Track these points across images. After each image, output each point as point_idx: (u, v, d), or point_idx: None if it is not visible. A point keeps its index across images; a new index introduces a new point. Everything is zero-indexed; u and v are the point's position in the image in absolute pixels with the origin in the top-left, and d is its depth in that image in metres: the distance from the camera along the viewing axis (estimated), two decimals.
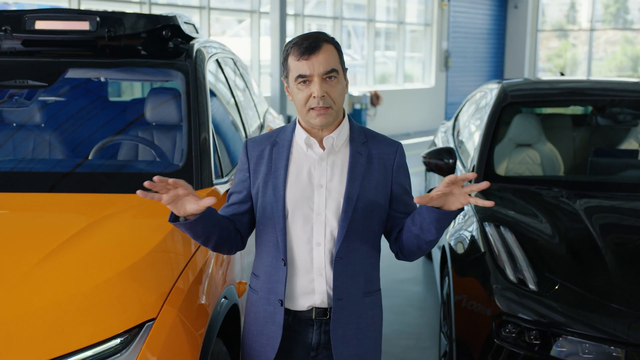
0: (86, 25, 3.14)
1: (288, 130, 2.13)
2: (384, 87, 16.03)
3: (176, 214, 1.95)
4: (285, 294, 2.08)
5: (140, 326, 1.94)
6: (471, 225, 3.47)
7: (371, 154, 2.11)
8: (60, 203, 2.66)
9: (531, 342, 2.80)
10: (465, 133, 4.96)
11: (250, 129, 3.97)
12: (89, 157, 3.08)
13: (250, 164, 2.14)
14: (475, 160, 4.06)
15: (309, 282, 2.08)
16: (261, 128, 4.35)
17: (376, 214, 2.10)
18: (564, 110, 5.11)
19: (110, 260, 2.16)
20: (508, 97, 4.40)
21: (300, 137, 2.10)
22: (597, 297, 2.83)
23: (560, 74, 6.07)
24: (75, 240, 2.22)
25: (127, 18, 3.17)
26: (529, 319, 2.81)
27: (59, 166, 3.03)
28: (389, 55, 16.99)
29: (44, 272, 2.05)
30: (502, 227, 3.31)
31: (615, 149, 4.51)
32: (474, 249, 3.30)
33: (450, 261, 3.47)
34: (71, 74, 3.29)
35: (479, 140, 4.19)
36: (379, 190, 2.10)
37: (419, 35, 17.65)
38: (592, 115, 4.73)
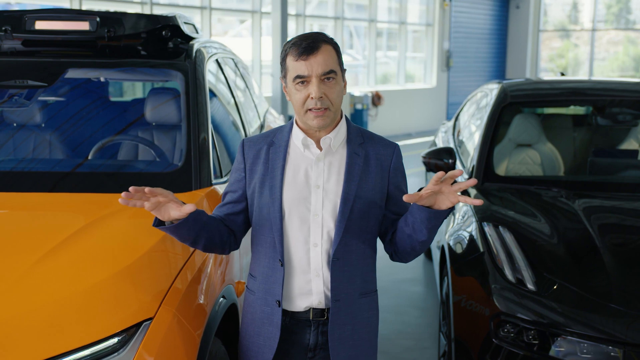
0: (86, 26, 3.15)
1: (285, 131, 2.13)
2: (385, 88, 16.02)
3: (161, 219, 1.95)
4: (283, 295, 2.08)
5: (138, 325, 1.94)
6: (470, 225, 3.47)
7: (368, 155, 2.10)
8: (59, 203, 2.66)
9: (529, 342, 2.80)
10: (466, 133, 4.96)
11: (251, 129, 3.97)
12: (89, 157, 3.09)
13: (247, 164, 2.13)
14: (475, 160, 4.06)
15: (306, 283, 2.08)
16: (261, 128, 4.36)
17: (372, 215, 2.10)
18: (564, 110, 5.10)
19: (108, 259, 2.16)
20: (508, 97, 4.40)
21: (298, 137, 2.09)
22: (595, 297, 2.83)
23: (561, 74, 6.06)
24: (74, 239, 2.22)
25: (127, 18, 3.18)
26: (527, 318, 2.81)
27: (59, 166, 3.03)
28: (390, 55, 16.98)
29: (42, 271, 2.05)
30: (500, 227, 3.31)
31: (615, 149, 4.50)
32: (473, 249, 3.30)
33: (449, 261, 3.47)
34: (71, 74, 3.29)
35: (478, 140, 4.19)
36: (375, 191, 2.09)
37: (420, 35, 17.64)
38: (592, 115, 4.72)
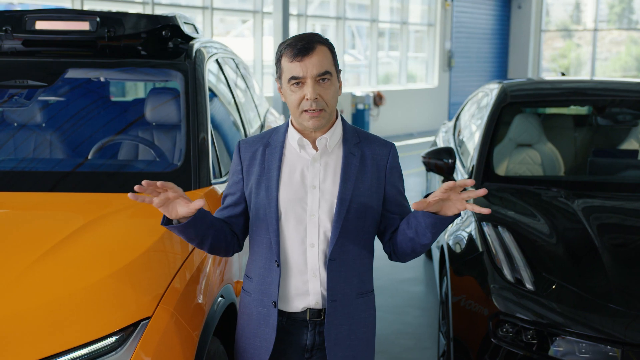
0: (86, 26, 3.15)
1: (281, 131, 2.13)
2: (387, 88, 16.02)
3: (168, 217, 1.94)
4: (279, 296, 2.08)
5: (136, 325, 1.94)
6: (469, 225, 3.47)
7: (364, 155, 2.10)
8: (59, 202, 2.67)
9: (528, 341, 2.80)
10: (466, 133, 4.96)
11: (251, 129, 3.97)
12: (89, 157, 3.10)
13: (244, 165, 2.13)
14: (475, 160, 4.06)
15: (303, 284, 2.08)
16: (261, 128, 4.36)
17: (369, 215, 2.10)
18: (564, 110, 5.10)
19: (107, 258, 2.16)
20: (508, 97, 4.40)
21: (293, 138, 2.09)
22: (594, 297, 2.83)
23: (561, 74, 6.05)
24: (72, 239, 2.23)
25: (127, 18, 3.19)
26: (526, 318, 2.81)
27: (60, 166, 3.04)
28: (392, 55, 16.98)
29: (40, 270, 2.05)
30: (499, 227, 3.31)
31: (615, 149, 4.50)
32: (472, 248, 3.30)
33: (448, 261, 3.47)
34: (71, 74, 3.30)
35: (478, 140, 4.19)
36: (372, 191, 2.09)
37: (422, 35, 17.64)
38: (593, 115, 4.72)
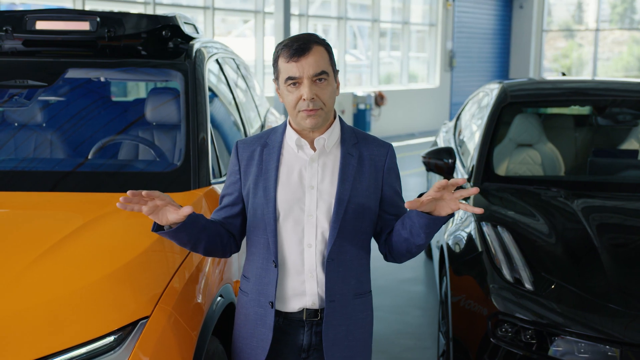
0: (86, 26, 3.16)
1: (279, 132, 2.13)
2: (388, 88, 16.03)
3: (159, 223, 1.95)
4: (276, 296, 2.08)
5: (134, 324, 1.95)
6: (469, 225, 3.47)
7: (362, 156, 2.10)
8: (58, 202, 2.67)
9: (527, 341, 2.80)
10: (466, 133, 4.97)
11: (251, 129, 3.98)
12: (89, 157, 3.10)
13: (241, 166, 2.13)
14: (475, 160, 4.06)
15: (300, 284, 2.08)
16: (262, 128, 4.36)
17: (367, 216, 2.10)
18: (564, 110, 5.10)
19: (106, 258, 2.17)
20: (508, 97, 4.40)
21: (291, 138, 2.09)
22: (593, 297, 2.84)
23: (562, 74, 6.05)
24: (71, 238, 2.23)
25: (127, 18, 3.19)
26: (525, 318, 2.82)
27: (60, 166, 3.05)
28: (393, 55, 16.98)
29: (39, 270, 2.06)
30: (499, 227, 3.31)
31: (615, 149, 4.50)
32: (471, 248, 3.31)
33: (447, 261, 3.47)
34: (71, 74, 3.30)
35: (478, 140, 4.19)
36: (369, 191, 2.09)
37: (423, 35, 17.64)
38: (593, 115, 4.72)
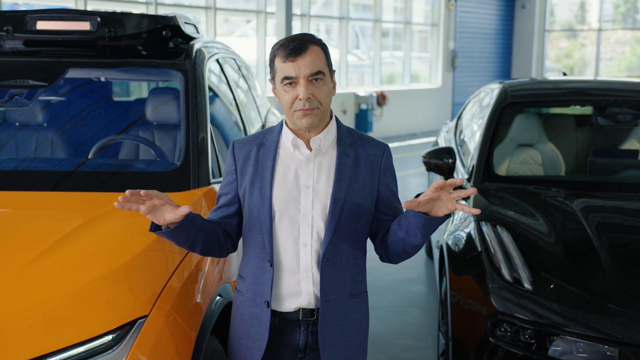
0: (87, 26, 3.17)
1: (275, 131, 2.13)
2: (390, 88, 16.03)
3: (157, 223, 1.96)
4: (272, 296, 2.08)
5: (132, 323, 1.95)
6: (468, 225, 3.47)
7: (358, 156, 2.10)
8: (59, 201, 2.68)
9: (526, 341, 2.80)
10: (467, 133, 4.97)
11: (252, 129, 3.98)
12: (89, 156, 3.11)
13: (237, 165, 2.13)
14: (475, 160, 4.06)
15: (295, 284, 2.08)
16: (262, 128, 4.37)
17: (362, 216, 2.10)
18: (565, 110, 5.10)
19: (104, 257, 2.17)
20: (508, 97, 4.40)
21: (287, 138, 2.09)
22: (592, 297, 2.84)
23: (563, 74, 6.05)
24: (70, 237, 2.24)
25: (128, 18, 3.20)
26: (524, 318, 2.82)
27: (61, 165, 3.06)
28: (395, 55, 16.99)
29: (38, 269, 2.07)
30: (498, 227, 3.32)
31: (615, 149, 4.50)
32: (471, 248, 3.31)
33: (447, 260, 3.48)
34: (71, 74, 3.31)
35: (479, 140, 4.20)
36: (365, 192, 2.10)
37: (425, 35, 17.64)
38: (594, 115, 4.72)
